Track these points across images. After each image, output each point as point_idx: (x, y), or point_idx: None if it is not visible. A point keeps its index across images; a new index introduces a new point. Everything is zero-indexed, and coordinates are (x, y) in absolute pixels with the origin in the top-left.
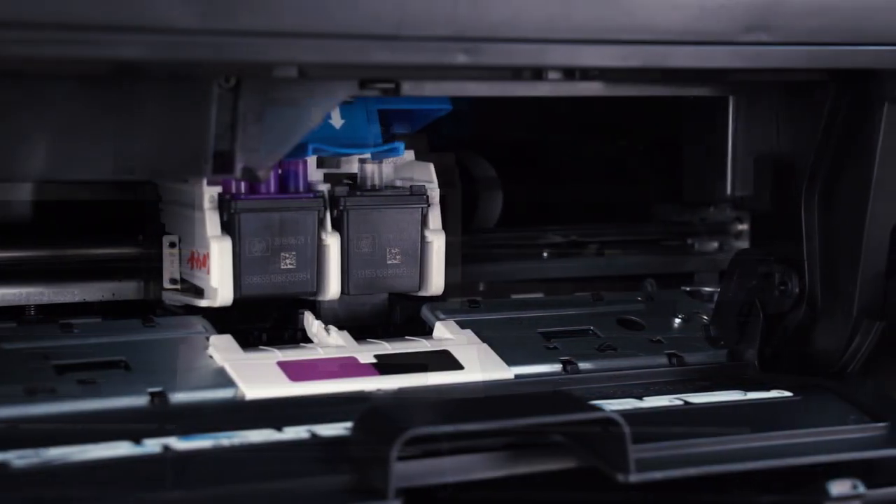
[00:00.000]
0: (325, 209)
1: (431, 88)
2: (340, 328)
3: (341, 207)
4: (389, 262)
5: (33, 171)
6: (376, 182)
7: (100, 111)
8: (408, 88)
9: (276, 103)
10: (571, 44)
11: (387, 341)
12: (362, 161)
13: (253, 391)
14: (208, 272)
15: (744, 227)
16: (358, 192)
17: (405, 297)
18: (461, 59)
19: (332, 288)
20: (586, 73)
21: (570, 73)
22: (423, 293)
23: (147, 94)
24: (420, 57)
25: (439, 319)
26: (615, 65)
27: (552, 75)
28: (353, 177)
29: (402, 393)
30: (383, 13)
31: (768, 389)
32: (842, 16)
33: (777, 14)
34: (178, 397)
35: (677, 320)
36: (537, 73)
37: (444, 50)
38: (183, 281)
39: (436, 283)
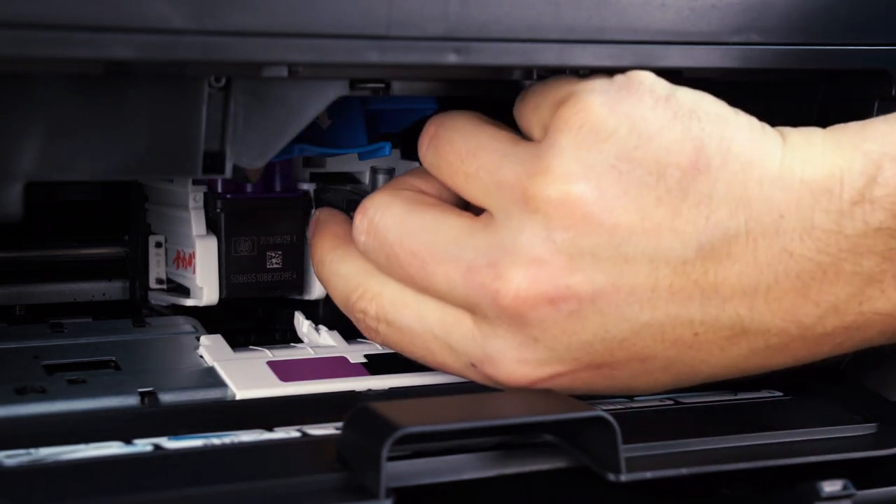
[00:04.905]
0: (311, 208)
1: (422, 88)
2: (330, 328)
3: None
4: None
5: (22, 172)
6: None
7: (89, 111)
8: (398, 88)
9: (266, 103)
10: (562, 43)
11: None
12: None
13: (244, 391)
14: (194, 272)
15: None
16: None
17: None
18: (452, 58)
19: (318, 287)
20: (576, 73)
21: (560, 73)
22: None
23: (137, 94)
24: (411, 56)
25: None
26: (606, 65)
27: (542, 75)
28: (346, 176)
29: (392, 392)
30: (373, 13)
31: (759, 389)
32: (832, 16)
33: (768, 14)
34: (169, 397)
35: None
36: (528, 73)
37: (435, 49)
38: (169, 281)
39: None
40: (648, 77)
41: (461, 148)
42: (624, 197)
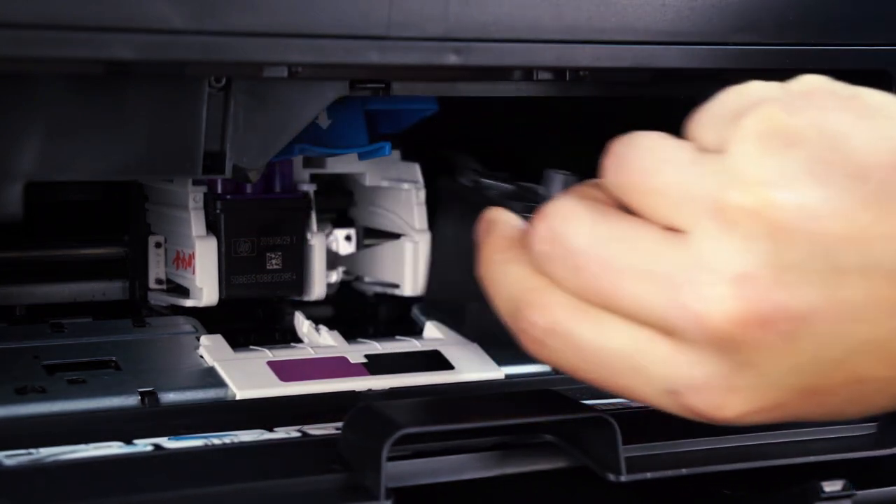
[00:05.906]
0: (311, 209)
1: (422, 88)
2: (331, 328)
3: None
4: None
5: (22, 172)
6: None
7: (89, 111)
8: (398, 88)
9: (266, 103)
10: (562, 44)
11: (377, 341)
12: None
13: (244, 391)
14: (193, 272)
15: None
16: None
17: (391, 296)
18: (452, 59)
19: (318, 288)
20: (577, 74)
21: (560, 74)
22: (409, 293)
23: (137, 94)
24: (411, 57)
25: (430, 319)
26: (606, 65)
27: (543, 76)
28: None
29: (392, 393)
30: (373, 13)
31: None
32: (832, 16)
33: (768, 14)
34: (169, 397)
35: None
36: (528, 74)
37: (435, 50)
38: (168, 281)
39: (420, 282)
40: (823, 80)
41: (646, 165)
42: (826, 203)
